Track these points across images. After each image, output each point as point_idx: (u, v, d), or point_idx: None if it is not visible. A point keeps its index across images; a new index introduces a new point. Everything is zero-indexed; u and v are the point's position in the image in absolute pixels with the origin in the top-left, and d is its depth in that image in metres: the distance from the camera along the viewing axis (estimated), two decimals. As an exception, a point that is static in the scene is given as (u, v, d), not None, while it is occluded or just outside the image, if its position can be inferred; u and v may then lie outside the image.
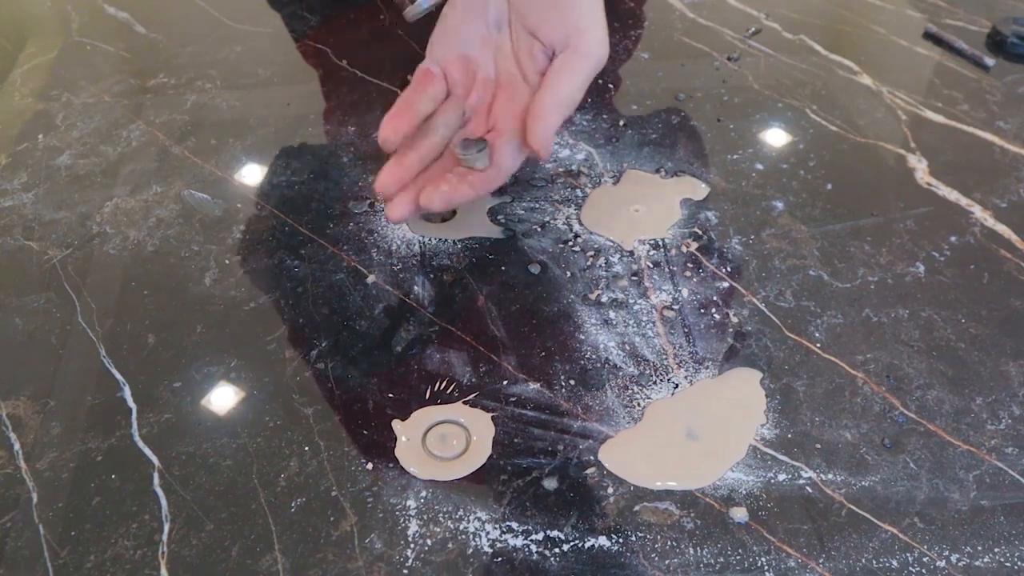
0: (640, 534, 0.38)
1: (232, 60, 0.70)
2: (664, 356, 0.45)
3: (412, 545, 0.38)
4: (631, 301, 0.48)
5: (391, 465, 0.41)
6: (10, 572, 0.38)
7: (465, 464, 0.41)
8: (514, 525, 0.38)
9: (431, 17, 0.51)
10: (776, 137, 0.60)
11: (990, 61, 0.66)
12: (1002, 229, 0.52)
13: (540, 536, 0.38)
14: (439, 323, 0.48)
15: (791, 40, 0.70)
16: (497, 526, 0.38)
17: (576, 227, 0.53)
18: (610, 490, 0.40)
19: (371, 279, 0.51)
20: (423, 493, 0.40)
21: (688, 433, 0.42)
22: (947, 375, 0.44)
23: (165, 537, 0.38)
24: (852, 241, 0.52)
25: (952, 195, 0.55)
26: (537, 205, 0.55)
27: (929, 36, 0.69)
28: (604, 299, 0.49)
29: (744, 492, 0.39)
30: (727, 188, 0.56)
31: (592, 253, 0.52)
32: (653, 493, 0.40)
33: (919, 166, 0.57)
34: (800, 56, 0.68)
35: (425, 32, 0.50)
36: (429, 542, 0.38)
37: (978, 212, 0.53)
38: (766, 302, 0.48)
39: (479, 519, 0.39)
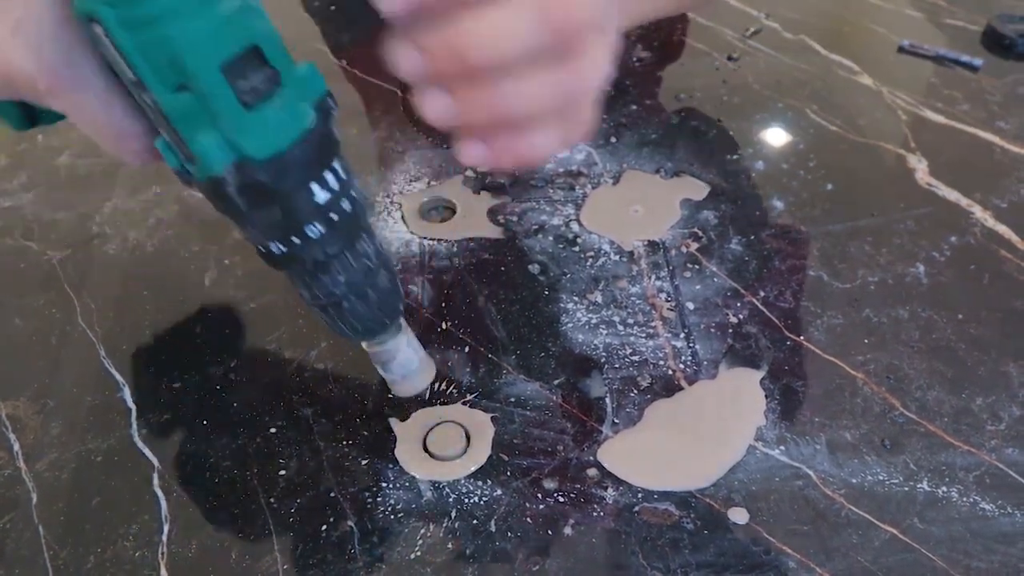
0: (640, 535, 0.38)
1: (232, 60, 0.70)
2: (663, 356, 0.45)
3: (412, 545, 0.38)
4: (630, 301, 0.48)
5: (391, 466, 0.41)
6: (10, 572, 0.38)
7: (465, 464, 0.41)
8: (514, 525, 0.38)
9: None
10: (776, 137, 0.60)
11: (978, 62, 0.65)
12: (1002, 229, 0.52)
13: (540, 537, 0.38)
14: (439, 323, 0.48)
15: (791, 40, 0.70)
16: (496, 526, 0.38)
17: (575, 227, 0.53)
18: (610, 491, 0.40)
19: (371, 279, 0.51)
20: (423, 494, 0.40)
21: (687, 434, 0.42)
22: (947, 375, 0.44)
23: (165, 537, 0.38)
24: (852, 241, 0.52)
25: (952, 195, 0.55)
26: (536, 205, 0.55)
27: (905, 51, 0.68)
28: (603, 299, 0.49)
29: (744, 493, 0.39)
30: (727, 188, 0.56)
31: (591, 253, 0.52)
32: (653, 494, 0.40)
33: (919, 166, 0.57)
34: (800, 56, 0.68)
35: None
36: (429, 542, 0.38)
37: (978, 212, 0.53)
38: (766, 302, 0.48)
39: (478, 519, 0.39)
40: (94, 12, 0.27)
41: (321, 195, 0.32)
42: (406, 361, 0.40)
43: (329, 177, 0.32)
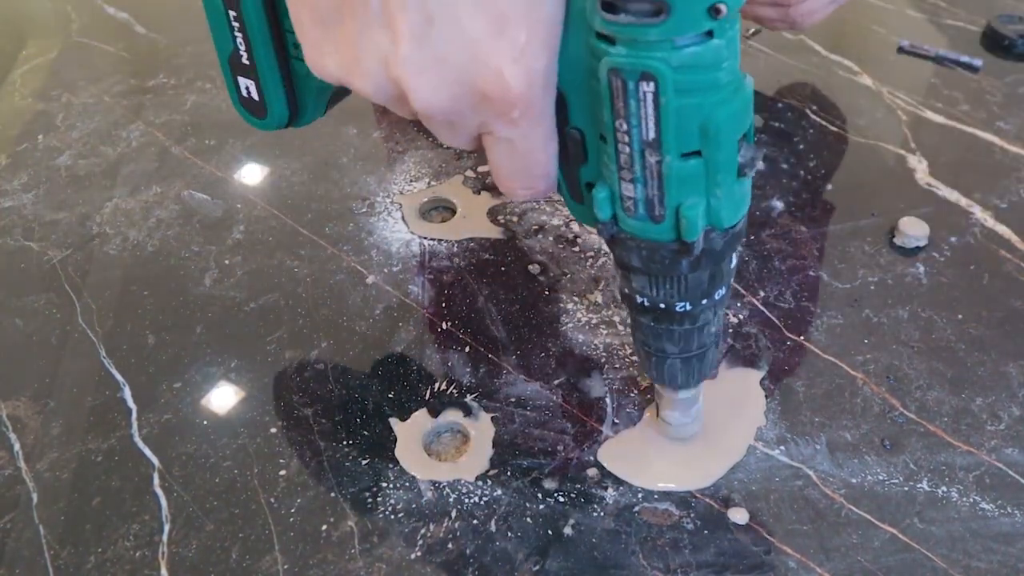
0: (640, 535, 0.38)
1: (232, 60, 0.70)
2: (664, 356, 0.45)
3: (412, 545, 0.38)
4: (631, 301, 0.48)
5: (391, 465, 0.41)
6: (10, 572, 0.38)
7: (465, 464, 0.41)
8: (514, 525, 0.38)
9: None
10: (776, 137, 0.60)
11: (978, 62, 0.65)
12: (1002, 229, 0.52)
13: (540, 537, 0.38)
14: (439, 323, 0.48)
15: (791, 40, 0.70)
16: (497, 526, 0.38)
17: (575, 227, 0.53)
18: (610, 491, 0.40)
19: (371, 279, 0.51)
20: (423, 493, 0.40)
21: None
22: (947, 376, 0.44)
23: (165, 537, 0.38)
24: (852, 241, 0.52)
25: (952, 195, 0.55)
26: (536, 205, 0.55)
27: (904, 51, 0.68)
28: (603, 299, 0.49)
29: (744, 493, 0.39)
30: (727, 188, 0.56)
31: (591, 253, 0.52)
32: (653, 494, 0.40)
33: (919, 166, 0.57)
34: (800, 56, 0.68)
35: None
36: (429, 542, 0.38)
37: (978, 212, 0.53)
38: (766, 302, 0.48)
39: (478, 519, 0.39)
40: (656, 71, 0.28)
41: (735, 261, 0.34)
42: (684, 420, 0.40)
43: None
